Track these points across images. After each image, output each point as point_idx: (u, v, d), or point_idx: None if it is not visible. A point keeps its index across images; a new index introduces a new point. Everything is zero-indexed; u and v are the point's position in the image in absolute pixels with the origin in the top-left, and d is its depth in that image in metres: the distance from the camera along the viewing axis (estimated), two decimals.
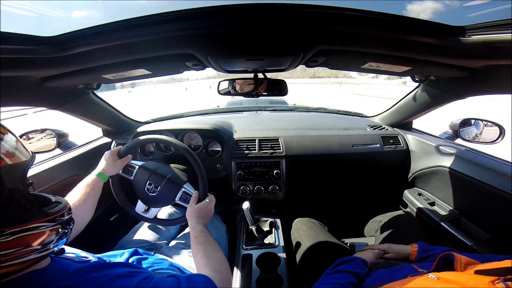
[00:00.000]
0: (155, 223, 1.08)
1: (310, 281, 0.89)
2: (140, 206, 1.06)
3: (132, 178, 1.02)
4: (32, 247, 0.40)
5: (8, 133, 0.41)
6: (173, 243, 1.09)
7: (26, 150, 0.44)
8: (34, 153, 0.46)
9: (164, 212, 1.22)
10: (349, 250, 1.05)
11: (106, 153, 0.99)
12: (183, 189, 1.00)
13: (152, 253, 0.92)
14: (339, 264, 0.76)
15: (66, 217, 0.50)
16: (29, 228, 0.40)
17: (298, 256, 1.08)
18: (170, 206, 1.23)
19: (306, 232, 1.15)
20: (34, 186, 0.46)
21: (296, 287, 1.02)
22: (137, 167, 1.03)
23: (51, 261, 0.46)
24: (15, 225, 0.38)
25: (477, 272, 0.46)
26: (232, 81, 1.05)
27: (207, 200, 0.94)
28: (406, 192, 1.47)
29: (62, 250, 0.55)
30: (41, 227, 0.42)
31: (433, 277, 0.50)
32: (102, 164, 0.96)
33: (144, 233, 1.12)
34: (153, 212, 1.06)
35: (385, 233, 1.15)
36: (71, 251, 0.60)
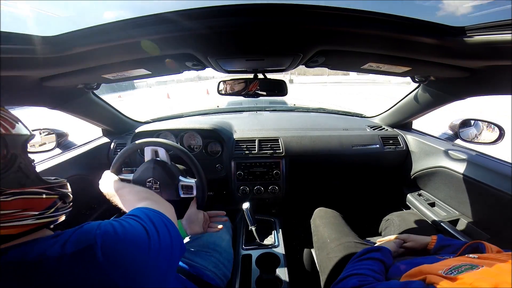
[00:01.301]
0: None
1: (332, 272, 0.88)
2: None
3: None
4: (30, 212, 0.43)
5: (11, 112, 0.46)
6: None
7: (26, 128, 0.48)
8: (32, 132, 0.50)
9: None
10: (372, 243, 1.02)
11: (103, 178, 0.94)
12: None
13: None
14: (366, 252, 0.75)
15: (64, 190, 0.52)
16: (28, 191, 0.43)
17: (322, 245, 1.04)
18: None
19: (331, 222, 1.12)
20: None
21: (296, 287, 1.01)
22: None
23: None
24: (15, 186, 0.42)
25: None
26: (231, 81, 1.05)
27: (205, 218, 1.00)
28: (405, 192, 1.47)
29: None
30: (39, 193, 0.45)
31: (474, 256, 0.49)
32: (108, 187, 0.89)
33: None
34: None
35: (394, 232, 1.15)
36: None
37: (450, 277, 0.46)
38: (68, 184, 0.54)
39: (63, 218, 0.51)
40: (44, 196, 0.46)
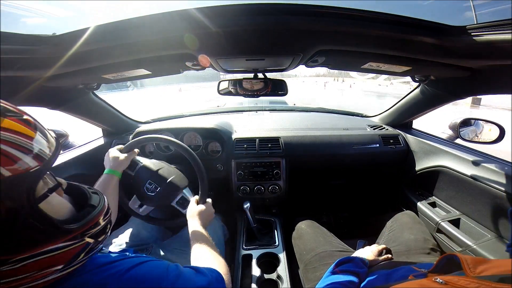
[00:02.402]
0: (145, 220, 1.08)
1: (311, 283, 0.90)
2: (134, 201, 1.06)
3: (133, 173, 1.02)
4: (52, 268, 0.33)
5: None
6: (164, 244, 1.09)
7: (46, 145, 0.34)
8: (57, 145, 0.37)
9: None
10: (349, 250, 1.05)
11: (110, 151, 0.98)
12: (181, 194, 1.01)
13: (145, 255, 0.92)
14: (338, 264, 0.77)
15: (99, 227, 0.41)
16: (44, 251, 0.32)
17: (300, 257, 1.07)
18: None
19: (307, 233, 1.14)
20: None
21: (296, 287, 1.01)
22: (140, 164, 1.03)
23: None
24: (25, 251, 0.30)
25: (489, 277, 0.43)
26: (232, 81, 1.05)
27: (207, 202, 0.95)
28: (406, 192, 1.47)
29: None
30: (62, 248, 0.34)
31: (441, 281, 0.47)
32: (109, 162, 0.95)
33: (134, 232, 1.13)
34: (146, 209, 1.06)
35: (390, 233, 1.16)
36: None
37: None
38: (106, 207, 0.44)
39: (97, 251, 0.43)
40: (67, 249, 0.35)
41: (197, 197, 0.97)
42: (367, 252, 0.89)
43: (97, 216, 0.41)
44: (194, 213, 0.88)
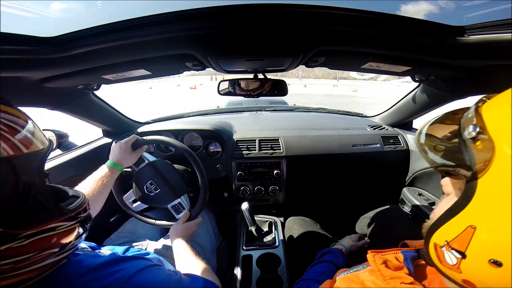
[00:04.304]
0: (136, 217, 1.08)
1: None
2: (129, 196, 1.06)
3: (136, 170, 1.02)
4: (50, 251, 0.37)
5: (28, 120, 0.38)
6: (159, 243, 1.09)
7: (44, 136, 0.40)
8: (51, 140, 0.42)
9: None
10: (333, 240, 1.14)
11: (120, 143, 0.94)
12: (179, 200, 1.02)
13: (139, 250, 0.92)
14: (321, 256, 0.84)
15: (84, 214, 0.45)
16: (46, 229, 0.36)
17: (293, 252, 1.12)
18: None
19: (297, 229, 1.20)
20: None
21: None
22: (146, 161, 1.03)
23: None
24: (32, 226, 0.34)
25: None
26: (232, 82, 1.05)
27: (196, 220, 0.97)
28: (406, 192, 1.46)
29: None
30: (59, 227, 0.38)
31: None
32: (116, 154, 0.92)
33: (130, 229, 1.13)
34: (139, 206, 1.06)
35: (377, 228, 1.16)
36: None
37: (337, 279, 0.52)
38: (87, 200, 0.47)
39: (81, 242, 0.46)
40: (64, 229, 0.39)
41: (190, 210, 0.99)
42: (346, 240, 1.00)
43: (82, 204, 0.45)
44: (178, 231, 0.88)
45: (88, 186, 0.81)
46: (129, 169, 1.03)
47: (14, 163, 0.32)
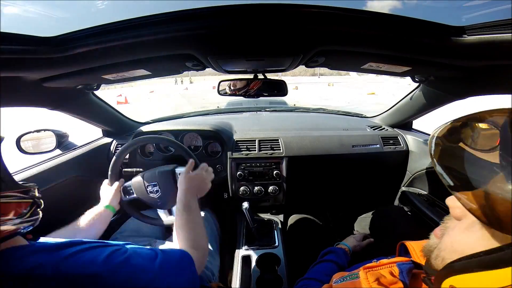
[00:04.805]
0: (144, 221, 1.08)
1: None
2: (161, 214, 1.07)
3: (135, 195, 1.03)
4: (8, 216, 0.43)
5: None
6: (166, 241, 1.09)
7: None
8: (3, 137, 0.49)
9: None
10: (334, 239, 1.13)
11: (102, 187, 1.01)
12: (177, 172, 1.01)
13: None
14: (323, 255, 0.84)
15: (36, 195, 0.51)
16: (5, 195, 0.43)
17: (294, 250, 1.13)
18: None
19: (299, 228, 1.21)
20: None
21: None
22: (131, 185, 1.04)
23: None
24: None
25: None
26: (231, 82, 1.05)
27: (201, 167, 0.94)
28: (406, 192, 1.46)
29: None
30: (15, 196, 0.45)
31: (375, 260, 0.55)
32: (105, 197, 0.97)
33: (134, 228, 1.13)
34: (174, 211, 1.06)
35: (379, 228, 1.17)
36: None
37: (333, 287, 0.53)
38: (37, 189, 0.53)
39: (36, 223, 0.50)
40: (18, 200, 0.46)
41: (187, 166, 0.95)
42: (350, 239, 0.98)
43: (33, 187, 0.51)
44: (186, 179, 0.87)
45: (86, 220, 0.85)
46: (131, 196, 1.04)
47: None
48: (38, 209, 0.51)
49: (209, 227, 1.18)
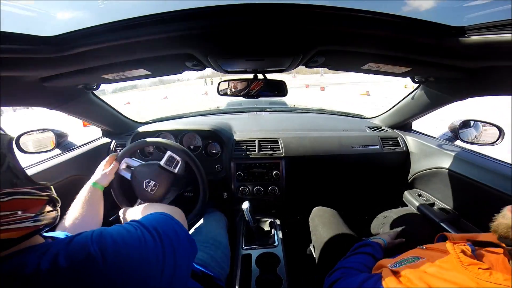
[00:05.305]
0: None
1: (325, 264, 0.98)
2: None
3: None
4: (27, 214, 0.42)
5: None
6: None
7: (5, 132, 0.47)
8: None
9: None
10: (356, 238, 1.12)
11: (102, 162, 1.02)
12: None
13: None
14: (358, 247, 0.83)
15: (52, 192, 0.50)
16: (21, 191, 0.42)
17: (316, 241, 1.14)
18: None
19: (327, 220, 1.21)
20: None
21: (295, 286, 1.01)
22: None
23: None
24: (8, 187, 0.41)
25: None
26: (231, 82, 1.05)
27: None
28: (406, 193, 1.46)
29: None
30: (33, 193, 0.45)
31: (422, 247, 0.63)
32: (95, 175, 0.98)
33: None
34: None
35: (391, 229, 1.16)
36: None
37: (394, 270, 0.56)
38: (52, 188, 0.52)
39: (56, 221, 0.50)
40: (36, 196, 0.45)
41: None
42: (385, 236, 0.97)
43: (51, 186, 0.50)
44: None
45: (78, 205, 0.86)
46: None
47: None
48: (56, 208, 0.51)
49: (219, 225, 1.21)
